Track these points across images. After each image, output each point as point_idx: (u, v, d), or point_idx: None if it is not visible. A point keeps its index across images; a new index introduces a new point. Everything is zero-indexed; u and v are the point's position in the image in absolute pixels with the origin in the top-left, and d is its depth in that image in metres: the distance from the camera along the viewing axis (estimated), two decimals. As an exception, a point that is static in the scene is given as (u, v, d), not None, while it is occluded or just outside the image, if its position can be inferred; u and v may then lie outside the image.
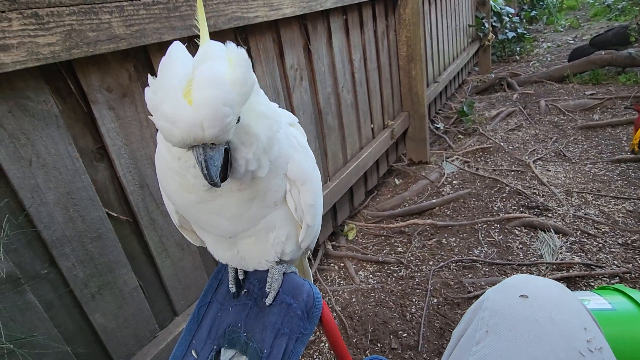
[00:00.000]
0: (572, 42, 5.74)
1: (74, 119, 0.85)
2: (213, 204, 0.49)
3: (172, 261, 1.09)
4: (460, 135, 3.26)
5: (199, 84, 0.40)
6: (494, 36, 4.98)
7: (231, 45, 0.45)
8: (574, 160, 2.52)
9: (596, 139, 2.76)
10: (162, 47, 0.98)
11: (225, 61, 0.43)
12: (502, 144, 2.89)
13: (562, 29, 6.76)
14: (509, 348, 0.56)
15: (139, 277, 1.00)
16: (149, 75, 0.44)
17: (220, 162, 0.44)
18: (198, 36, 0.51)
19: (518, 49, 5.44)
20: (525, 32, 5.49)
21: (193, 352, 0.60)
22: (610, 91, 3.44)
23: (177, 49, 0.44)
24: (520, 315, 0.59)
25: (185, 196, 0.51)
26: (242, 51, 0.44)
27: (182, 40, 1.01)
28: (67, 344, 0.83)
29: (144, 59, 0.96)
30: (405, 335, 1.48)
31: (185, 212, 0.57)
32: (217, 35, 1.13)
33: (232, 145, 0.47)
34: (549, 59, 5.05)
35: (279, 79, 1.45)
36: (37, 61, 0.71)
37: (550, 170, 2.44)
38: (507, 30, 5.25)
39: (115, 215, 0.94)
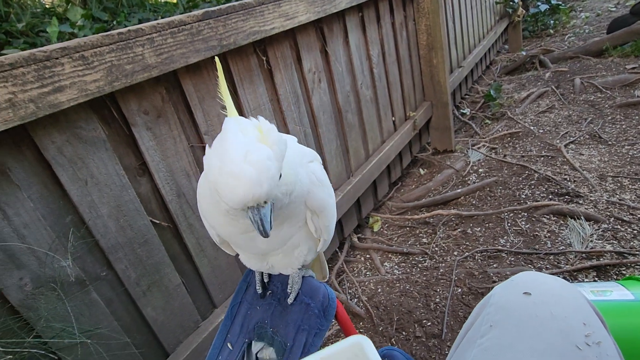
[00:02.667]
0: (613, 9, 5.31)
1: (118, 141, 0.97)
2: (253, 232, 0.58)
3: (209, 260, 1.21)
4: (487, 121, 3.18)
5: (250, 154, 0.49)
6: (525, 10, 4.71)
7: (253, 122, 0.54)
8: (610, 142, 2.41)
9: (637, 117, 2.60)
10: (189, 70, 1.07)
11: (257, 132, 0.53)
12: (531, 127, 2.80)
13: (603, -5, 6.24)
14: (510, 342, 0.61)
15: (181, 275, 1.12)
16: (206, 146, 0.54)
17: (270, 217, 0.51)
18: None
19: (552, 22, 5.11)
20: (559, 2, 5.14)
21: (229, 344, 0.70)
22: (654, 63, 3.20)
23: (231, 126, 0.52)
24: (522, 312, 0.64)
25: (230, 229, 0.61)
26: (270, 125, 0.53)
27: (206, 60, 1.10)
28: (125, 334, 0.97)
29: (173, 82, 1.07)
30: (429, 324, 1.53)
31: (226, 238, 0.68)
32: (238, 50, 1.21)
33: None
34: (586, 30, 4.72)
35: (298, 84, 1.52)
36: (86, 97, 0.83)
37: (583, 154, 2.35)
38: (539, 3, 4.95)
39: (158, 222, 1.06)
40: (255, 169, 0.47)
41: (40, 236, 0.82)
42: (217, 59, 0.62)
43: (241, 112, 1.27)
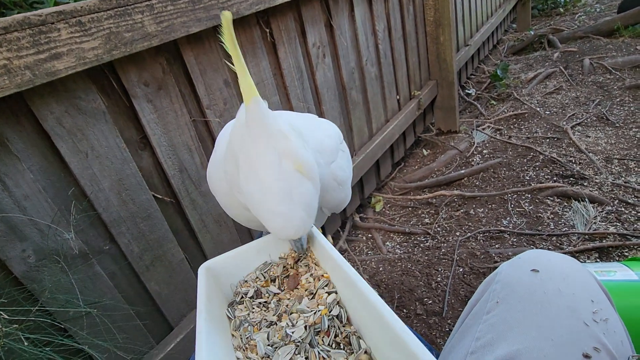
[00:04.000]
0: (627, -13, 5.12)
1: (118, 114, 0.94)
2: None
3: (212, 236, 1.20)
4: (492, 101, 3.13)
5: (296, 193, 0.48)
6: (535, -12, 4.56)
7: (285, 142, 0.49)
8: (617, 125, 2.37)
9: (646, 99, 2.56)
10: (190, 40, 1.03)
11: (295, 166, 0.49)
12: (538, 109, 2.75)
13: (616, -28, 6.02)
14: (517, 317, 0.61)
15: (184, 251, 1.12)
16: (239, 166, 0.51)
17: (306, 239, 0.56)
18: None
19: (562, 0, 4.96)
20: (571, -21, 4.97)
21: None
22: (667, 44, 3.12)
23: (262, 149, 0.48)
24: (529, 288, 0.63)
25: (248, 215, 0.63)
26: (306, 154, 0.50)
27: (207, 30, 1.06)
28: (130, 306, 0.98)
29: (174, 52, 1.03)
30: (430, 302, 1.55)
31: (244, 223, 0.70)
32: (240, 21, 1.17)
33: None
34: (597, 9, 4.57)
35: (301, 58, 1.47)
36: (84, 65, 0.80)
37: (589, 136, 2.32)
38: (550, -20, 4.78)
39: (160, 197, 1.05)
40: (304, 211, 0.49)
41: (41, 208, 0.80)
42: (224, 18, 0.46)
43: (244, 87, 1.24)
